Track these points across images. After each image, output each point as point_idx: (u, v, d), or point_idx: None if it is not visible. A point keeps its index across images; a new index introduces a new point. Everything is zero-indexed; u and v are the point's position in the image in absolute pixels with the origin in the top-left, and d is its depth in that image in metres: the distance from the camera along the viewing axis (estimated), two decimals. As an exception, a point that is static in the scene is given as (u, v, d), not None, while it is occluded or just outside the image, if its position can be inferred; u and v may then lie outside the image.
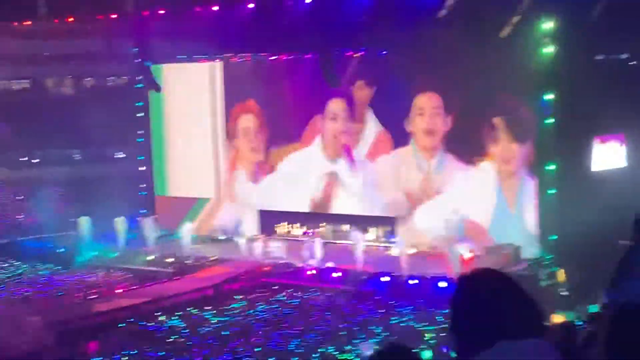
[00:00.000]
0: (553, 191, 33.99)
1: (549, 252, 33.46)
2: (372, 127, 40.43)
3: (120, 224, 41.18)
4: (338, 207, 41.19)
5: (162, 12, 44.34)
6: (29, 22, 55.90)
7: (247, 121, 43.92)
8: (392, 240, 37.68)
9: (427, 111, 38.53)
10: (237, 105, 44.07)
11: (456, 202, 37.55)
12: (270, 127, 43.09)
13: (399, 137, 39.26)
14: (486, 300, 3.99)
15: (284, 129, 42.65)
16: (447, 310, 16.67)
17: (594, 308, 21.21)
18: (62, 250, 41.80)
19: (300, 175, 41.93)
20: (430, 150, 38.73)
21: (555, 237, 33.57)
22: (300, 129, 42.08)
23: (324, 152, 41.53)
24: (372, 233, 39.20)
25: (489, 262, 32.39)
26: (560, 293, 31.15)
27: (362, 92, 40.64)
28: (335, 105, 41.29)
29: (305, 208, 41.82)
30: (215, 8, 43.15)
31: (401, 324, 29.02)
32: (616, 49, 35.18)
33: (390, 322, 29.31)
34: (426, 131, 38.66)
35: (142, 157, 47.78)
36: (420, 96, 38.54)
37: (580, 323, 17.92)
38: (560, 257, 32.72)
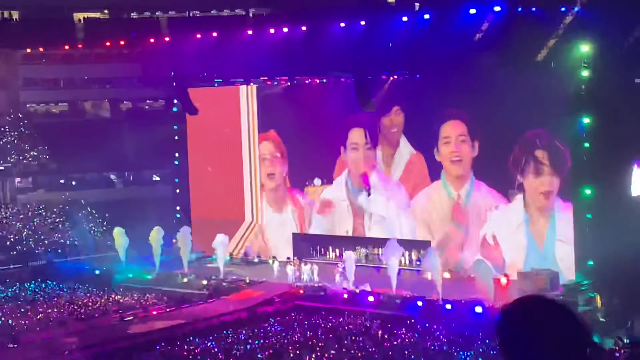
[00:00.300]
0: (589, 216, 33.71)
1: (586, 277, 33.11)
2: (404, 151, 40.64)
3: (156, 244, 41.63)
4: (371, 231, 41.40)
5: (198, 36, 44.96)
6: (67, 47, 56.89)
7: (267, 148, 44.86)
8: (425, 264, 37.46)
9: (452, 139, 38.81)
10: (264, 133, 44.85)
11: (488, 231, 37.65)
12: (296, 161, 44.04)
13: (432, 162, 39.46)
14: (539, 329, 3.95)
15: (314, 166, 43.51)
16: (481, 335, 16.59)
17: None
18: (99, 271, 42.19)
19: (333, 205, 42.74)
20: (459, 179, 38.92)
21: (592, 262, 33.24)
22: (330, 167, 42.85)
23: (352, 183, 42.18)
24: (406, 257, 39.09)
25: (525, 288, 32.20)
26: (599, 319, 30.78)
27: (397, 117, 40.93)
28: (356, 135, 41.90)
29: (338, 233, 42.28)
30: (250, 32, 43.72)
31: (436, 348, 28.81)
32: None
33: (425, 346, 29.11)
34: (453, 160, 38.97)
35: (178, 180, 48.13)
36: (446, 124, 38.87)
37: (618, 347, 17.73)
38: (597, 283, 32.35)
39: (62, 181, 55.33)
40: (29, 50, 56.25)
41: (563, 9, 34.55)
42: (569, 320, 3.93)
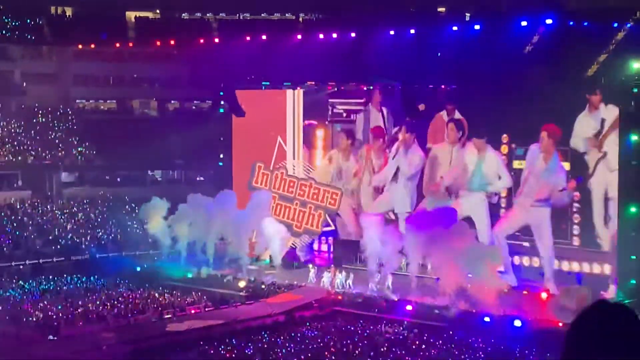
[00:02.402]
0: (633, 234, 33.28)
1: (628, 296, 32.64)
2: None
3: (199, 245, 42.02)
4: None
5: (247, 39, 45.22)
6: (118, 45, 57.61)
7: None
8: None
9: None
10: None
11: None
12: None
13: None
14: (608, 339, 3.84)
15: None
16: (519, 349, 16.43)
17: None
18: (141, 268, 42.60)
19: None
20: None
21: (634, 281, 32.81)
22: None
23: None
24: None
25: (566, 303, 31.83)
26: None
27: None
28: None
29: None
30: (299, 37, 43.88)
31: (472, 361, 28.65)
32: None
33: (462, 357, 28.94)
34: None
35: (221, 181, 48.36)
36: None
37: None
38: (639, 302, 31.90)
39: (107, 177, 55.98)
40: (80, 46, 57.09)
41: (615, 25, 34.19)
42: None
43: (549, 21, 35.50)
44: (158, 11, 60.88)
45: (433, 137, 41.14)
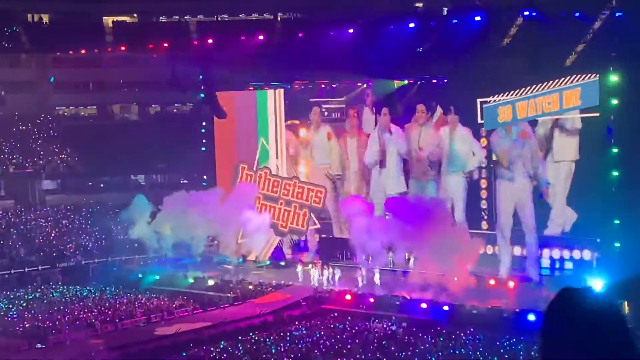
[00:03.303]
0: (617, 222, 33.46)
1: (611, 283, 32.79)
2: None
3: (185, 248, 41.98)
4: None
5: (226, 40, 45.15)
6: (97, 51, 57.35)
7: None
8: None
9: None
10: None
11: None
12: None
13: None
14: (580, 326, 3.85)
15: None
16: (507, 341, 16.52)
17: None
18: (126, 273, 42.46)
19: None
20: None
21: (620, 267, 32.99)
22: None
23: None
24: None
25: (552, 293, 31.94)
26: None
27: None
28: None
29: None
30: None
31: (462, 354, 28.74)
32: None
33: (451, 351, 29.05)
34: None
35: (205, 183, 48.33)
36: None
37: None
38: (625, 289, 32.07)
39: (90, 184, 55.75)
40: (58, 53, 56.80)
41: (592, 14, 34.42)
42: (614, 312, 3.86)
43: (526, 13, 35.71)
44: (135, 15, 60.62)
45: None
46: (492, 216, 38.59)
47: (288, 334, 32.20)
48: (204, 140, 48.41)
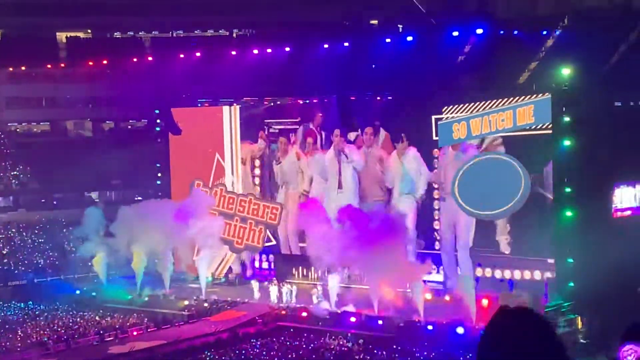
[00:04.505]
0: (570, 237, 33.83)
1: (567, 299, 33.17)
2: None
3: (138, 265, 41.40)
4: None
5: (181, 56, 45.00)
6: (50, 66, 56.74)
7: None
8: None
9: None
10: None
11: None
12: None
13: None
14: (516, 346, 3.89)
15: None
16: (462, 356, 16.56)
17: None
18: (80, 291, 41.92)
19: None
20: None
21: (572, 284, 33.34)
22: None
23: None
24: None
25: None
26: (580, 341, 30.84)
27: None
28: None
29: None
30: (233, 53, 43.87)
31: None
32: (635, 97, 35.42)
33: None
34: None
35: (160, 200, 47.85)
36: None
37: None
38: (579, 305, 32.44)
39: (43, 200, 54.99)
40: (11, 69, 56.09)
41: (544, 33, 34.90)
42: (548, 334, 3.89)
43: (479, 31, 36.09)
44: (89, 31, 60.13)
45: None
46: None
47: (243, 351, 32.01)
48: (158, 157, 48.04)
